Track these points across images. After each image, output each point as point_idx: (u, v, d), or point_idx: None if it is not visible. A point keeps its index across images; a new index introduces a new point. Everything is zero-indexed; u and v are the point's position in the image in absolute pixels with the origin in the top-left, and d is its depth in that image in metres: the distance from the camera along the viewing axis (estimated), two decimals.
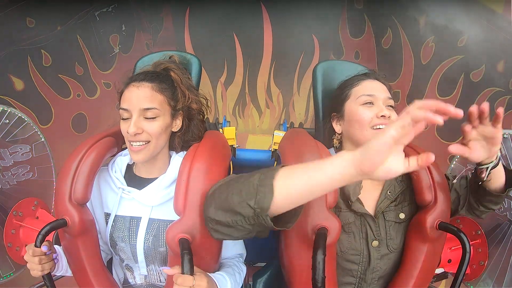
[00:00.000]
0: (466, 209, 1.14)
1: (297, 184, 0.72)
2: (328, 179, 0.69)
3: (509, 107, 2.57)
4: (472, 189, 1.10)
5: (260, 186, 0.74)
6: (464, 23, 2.57)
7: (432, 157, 0.65)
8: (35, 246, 0.98)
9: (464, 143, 0.89)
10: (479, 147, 0.89)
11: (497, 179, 0.98)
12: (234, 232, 0.82)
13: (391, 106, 1.08)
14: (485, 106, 0.82)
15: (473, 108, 0.83)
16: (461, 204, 1.14)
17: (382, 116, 1.03)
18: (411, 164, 0.67)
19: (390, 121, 1.03)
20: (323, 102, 1.28)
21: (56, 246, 1.10)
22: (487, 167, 0.95)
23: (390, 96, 1.10)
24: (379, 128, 1.03)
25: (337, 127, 1.14)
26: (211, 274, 0.99)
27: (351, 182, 0.69)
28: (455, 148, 0.87)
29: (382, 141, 0.63)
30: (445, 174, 1.14)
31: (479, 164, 0.96)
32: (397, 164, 0.66)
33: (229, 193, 0.80)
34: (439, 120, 0.63)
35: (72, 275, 1.13)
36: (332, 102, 1.20)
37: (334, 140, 1.16)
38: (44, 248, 0.98)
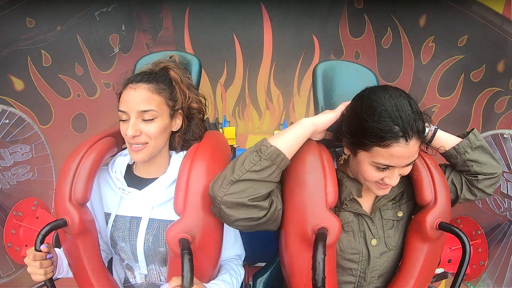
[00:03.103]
0: (467, 191, 1.14)
1: (283, 133, 0.97)
2: (303, 129, 0.99)
3: (509, 107, 2.56)
4: (459, 169, 1.14)
5: (257, 146, 0.95)
6: (464, 23, 2.57)
7: None
8: (35, 249, 0.97)
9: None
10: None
11: (446, 141, 1.11)
12: (247, 191, 0.90)
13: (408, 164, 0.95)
14: None
15: None
16: (458, 189, 1.14)
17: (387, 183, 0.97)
18: None
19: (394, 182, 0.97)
20: (323, 102, 1.28)
21: (56, 249, 1.09)
22: (429, 141, 1.09)
23: (412, 160, 0.93)
24: (381, 183, 0.97)
25: (346, 150, 1.02)
26: (207, 285, 1.00)
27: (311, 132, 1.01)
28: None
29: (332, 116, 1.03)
30: (439, 165, 1.14)
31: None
32: None
33: (234, 160, 0.95)
34: None
35: (73, 276, 1.13)
36: (352, 123, 0.96)
37: (341, 158, 1.10)
38: (43, 246, 0.97)
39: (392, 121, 0.87)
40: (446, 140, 1.11)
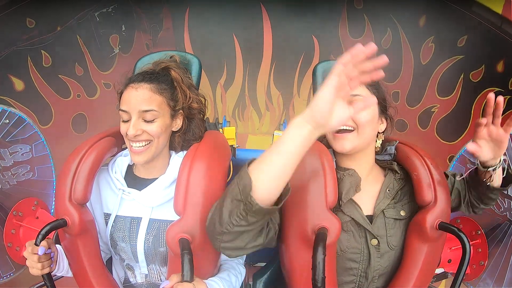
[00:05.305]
0: (465, 207, 1.17)
1: (269, 162, 0.78)
2: (292, 145, 0.76)
3: (509, 107, 2.56)
4: (472, 188, 1.14)
5: (239, 179, 0.80)
6: (464, 23, 2.56)
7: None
8: (35, 243, 0.98)
9: (475, 141, 0.98)
10: (487, 147, 0.98)
11: (496, 178, 1.05)
12: (241, 238, 0.85)
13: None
14: (501, 99, 0.91)
15: (491, 95, 0.91)
16: (462, 200, 1.17)
17: None
18: (356, 107, 0.77)
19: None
20: None
21: (58, 246, 1.09)
22: (494, 168, 1.00)
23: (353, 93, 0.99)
24: (343, 128, 1.02)
25: None
26: (205, 281, 0.99)
27: (314, 139, 0.77)
28: (472, 147, 0.97)
29: (326, 92, 0.73)
30: (444, 172, 1.15)
31: (483, 165, 1.01)
32: (343, 111, 0.76)
33: (221, 204, 0.84)
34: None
35: (72, 275, 1.13)
36: None
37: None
38: (40, 249, 0.97)
39: None
40: (499, 176, 1.05)
